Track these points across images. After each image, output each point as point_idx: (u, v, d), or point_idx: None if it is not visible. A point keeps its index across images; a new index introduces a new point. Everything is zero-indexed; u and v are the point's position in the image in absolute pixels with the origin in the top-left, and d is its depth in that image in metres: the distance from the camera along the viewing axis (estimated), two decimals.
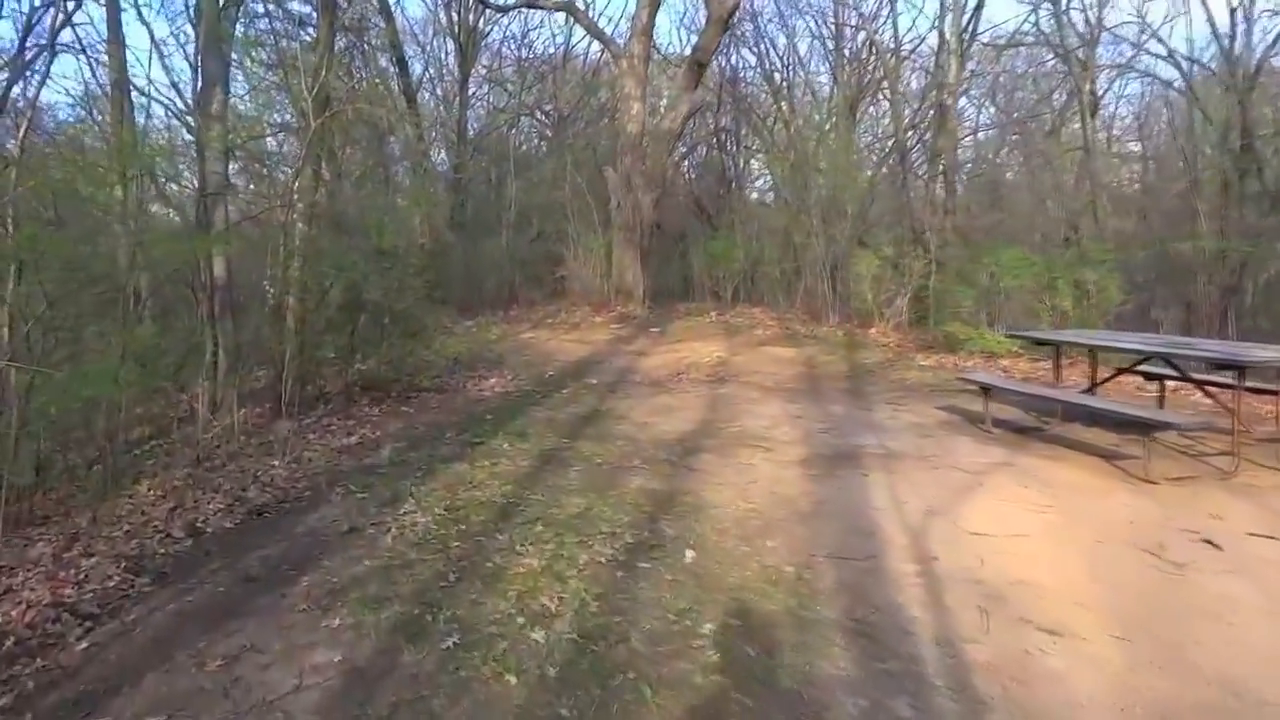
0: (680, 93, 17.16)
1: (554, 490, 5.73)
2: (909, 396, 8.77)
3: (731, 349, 12.42)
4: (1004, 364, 10.53)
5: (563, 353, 12.56)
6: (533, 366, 11.33)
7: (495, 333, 14.93)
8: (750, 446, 6.78)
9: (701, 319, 16.03)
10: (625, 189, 16.87)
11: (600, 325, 15.57)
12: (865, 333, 14.20)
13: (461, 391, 9.77)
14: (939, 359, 11.06)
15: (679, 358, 11.69)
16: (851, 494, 5.47)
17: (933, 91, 21.82)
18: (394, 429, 8.01)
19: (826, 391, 9.20)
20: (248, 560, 4.77)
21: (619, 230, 17.10)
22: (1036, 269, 10.74)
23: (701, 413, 8.18)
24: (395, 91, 21.38)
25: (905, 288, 14.73)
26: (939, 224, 15.85)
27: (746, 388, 9.48)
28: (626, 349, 12.90)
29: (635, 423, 7.83)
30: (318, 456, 7.14)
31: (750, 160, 23.94)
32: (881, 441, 6.76)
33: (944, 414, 7.81)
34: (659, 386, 9.74)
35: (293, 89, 11.89)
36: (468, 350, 12.46)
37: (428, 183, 20.55)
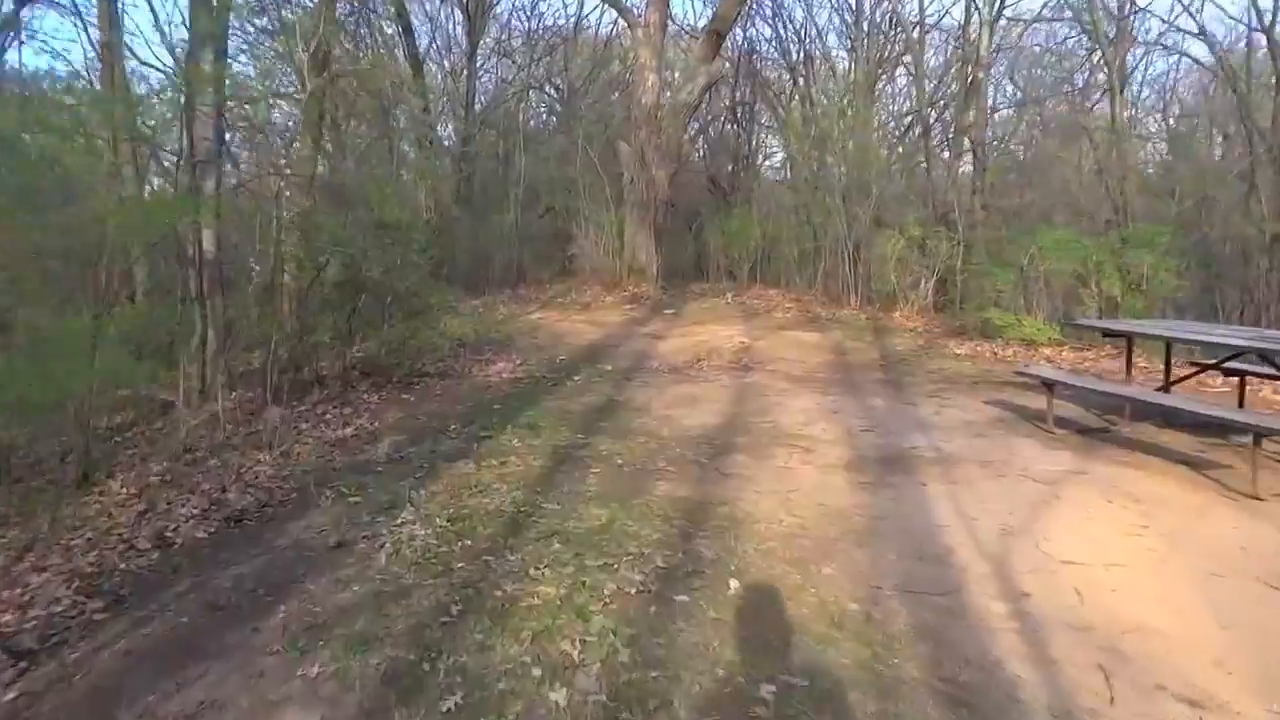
0: (698, 64, 16.34)
1: (571, 497, 5.05)
2: (952, 389, 8.07)
3: (752, 333, 11.72)
4: (1045, 353, 9.82)
5: (574, 335, 11.87)
6: (542, 350, 10.64)
7: (502, 312, 14.23)
8: (787, 446, 6.09)
9: (717, 300, 15.34)
10: (639, 164, 16.11)
11: (612, 306, 14.87)
12: (889, 316, 13.52)
13: (467, 377, 9.08)
14: (974, 347, 10.35)
15: (698, 342, 10.99)
16: (911, 507, 4.78)
17: (956, 66, 21.06)
18: (393, 419, 7.33)
19: (861, 382, 8.50)
20: (219, 580, 4.10)
21: (632, 207, 16.36)
22: (1082, 252, 9.98)
23: (728, 405, 7.49)
24: (401, 60, 20.60)
25: (932, 270, 14.01)
26: (967, 204, 15.07)
27: (774, 376, 8.78)
28: (641, 331, 12.20)
29: (656, 416, 7.14)
30: (309, 450, 6.46)
31: (766, 137, 23.12)
32: (933, 442, 6.07)
33: (995, 410, 7.11)
34: (679, 374, 9.05)
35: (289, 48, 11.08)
36: (474, 331, 11.76)
37: (434, 156, 19.76)
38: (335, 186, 13.37)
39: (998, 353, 9.91)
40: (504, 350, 10.54)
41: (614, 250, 16.76)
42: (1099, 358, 9.49)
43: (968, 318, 12.07)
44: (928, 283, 14.07)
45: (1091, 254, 9.86)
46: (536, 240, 20.57)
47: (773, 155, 23.70)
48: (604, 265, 16.71)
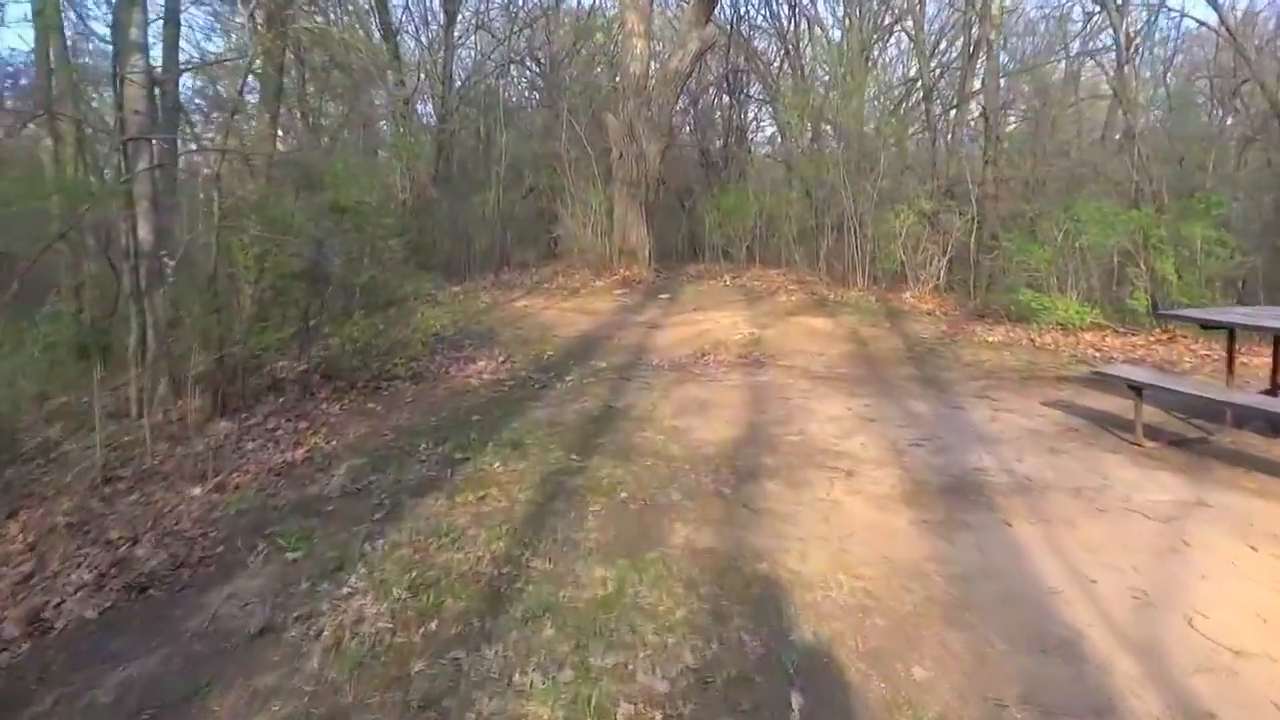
0: (689, 28, 15.13)
1: (565, 549, 3.96)
2: (999, 386, 7.01)
3: (758, 320, 10.64)
4: (1087, 339, 8.78)
5: (562, 325, 10.75)
6: (528, 344, 9.52)
7: (484, 300, 13.09)
8: (825, 469, 5.01)
9: (715, 283, 14.26)
10: (628, 138, 14.94)
11: (602, 291, 13.75)
12: (899, 298, 12.49)
13: (443, 379, 7.95)
14: (1007, 332, 9.31)
15: (700, 331, 9.90)
16: (1003, 561, 3.71)
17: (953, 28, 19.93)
18: (355, 435, 6.22)
19: (892, 379, 7.44)
20: (97, 693, 3.01)
21: (621, 184, 15.20)
22: (1128, 225, 8.89)
23: (745, 411, 6.41)
24: (375, 34, 19.34)
25: (944, 248, 12.95)
26: (979, 175, 13.98)
27: (791, 373, 7.71)
28: (636, 320, 11.09)
29: (662, 427, 6.05)
30: (250, 480, 5.35)
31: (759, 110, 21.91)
32: (1003, 462, 5.00)
33: (1059, 414, 6.06)
34: (683, 372, 7.96)
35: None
36: (453, 323, 10.64)
37: (410, 134, 18.50)
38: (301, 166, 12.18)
39: (1035, 339, 8.86)
40: (486, 345, 9.42)
41: (603, 231, 15.61)
42: (1150, 344, 8.47)
43: (992, 299, 11.03)
44: (940, 261, 13.02)
45: (1141, 226, 8.77)
46: (520, 221, 19.41)
47: (766, 129, 22.47)
48: (592, 247, 15.56)
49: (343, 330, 7.70)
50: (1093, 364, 7.75)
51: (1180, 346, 8.27)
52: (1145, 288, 8.71)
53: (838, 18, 21.55)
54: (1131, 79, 18.43)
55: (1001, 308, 10.11)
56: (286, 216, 7.14)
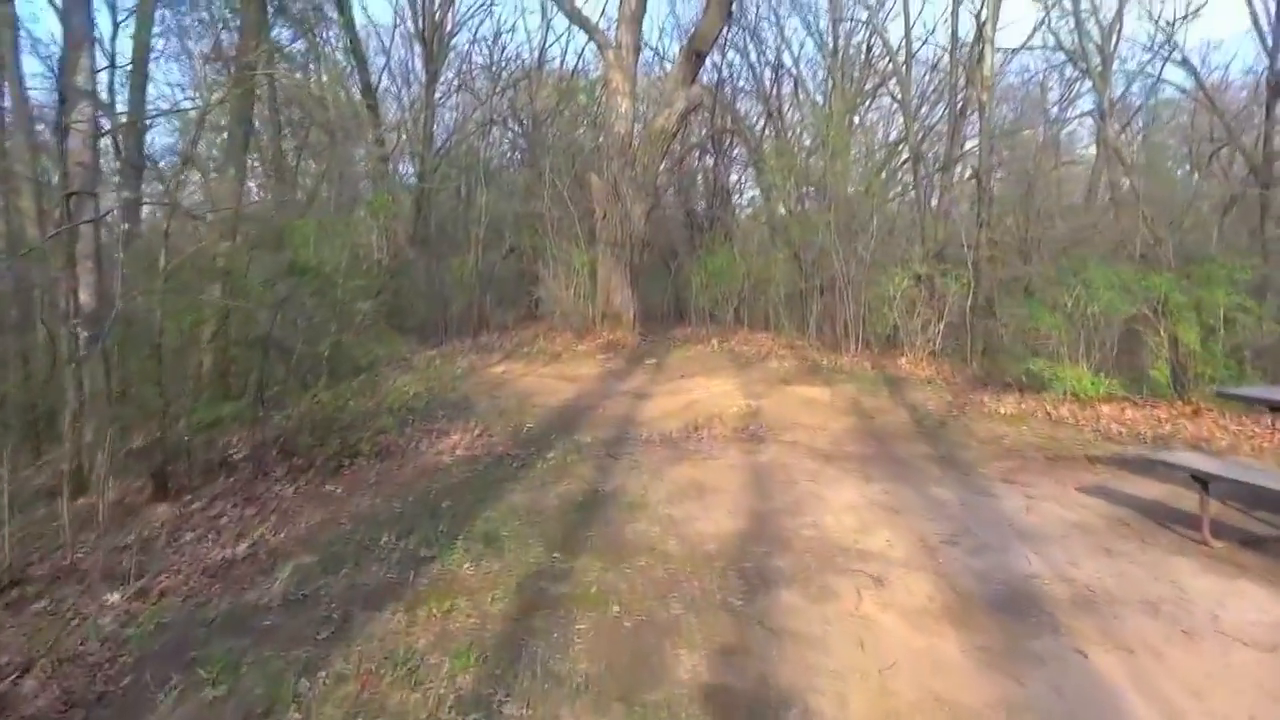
0: (675, 87, 14.71)
1: (546, 687, 3.22)
2: (1025, 468, 6.35)
3: (750, 388, 9.97)
4: (1105, 410, 8.17)
5: (543, 393, 10.03)
6: (507, 414, 8.79)
7: (461, 365, 12.36)
8: (849, 573, 4.29)
9: (702, 347, 13.61)
10: (612, 197, 14.42)
11: (585, 355, 13.07)
12: (895, 364, 11.89)
13: (412, 456, 7.19)
14: (1018, 403, 8.68)
15: (690, 401, 9.21)
16: (1090, 710, 2.99)
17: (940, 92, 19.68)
18: (308, 525, 5.45)
19: (906, 458, 6.75)
20: None
21: (605, 245, 14.63)
22: (1149, 290, 8.33)
23: (748, 497, 5.69)
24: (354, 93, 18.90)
25: (941, 312, 12.40)
26: (974, 238, 13.50)
27: (795, 451, 7.01)
28: (622, 388, 10.40)
29: (656, 516, 5.32)
30: (179, 584, 4.57)
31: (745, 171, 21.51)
32: (1054, 566, 4.30)
33: (1102, 503, 5.38)
34: (675, 448, 7.24)
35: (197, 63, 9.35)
36: (426, 390, 9.91)
37: (389, 192, 17.92)
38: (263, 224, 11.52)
39: (1050, 411, 8.23)
40: (460, 415, 8.68)
41: (586, 293, 14.98)
42: (1173, 417, 7.85)
43: (995, 366, 10.43)
44: (936, 326, 12.45)
45: (1161, 292, 8.21)
46: (500, 282, 18.78)
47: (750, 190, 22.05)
48: (575, 309, 14.91)
49: (301, 402, 6.96)
50: (1119, 441, 7.13)
51: (1207, 421, 7.65)
52: (1167, 357, 8.11)
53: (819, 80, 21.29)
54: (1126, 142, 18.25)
55: (1008, 376, 9.51)
56: (239, 278, 6.44)
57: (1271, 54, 15.82)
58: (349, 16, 18.10)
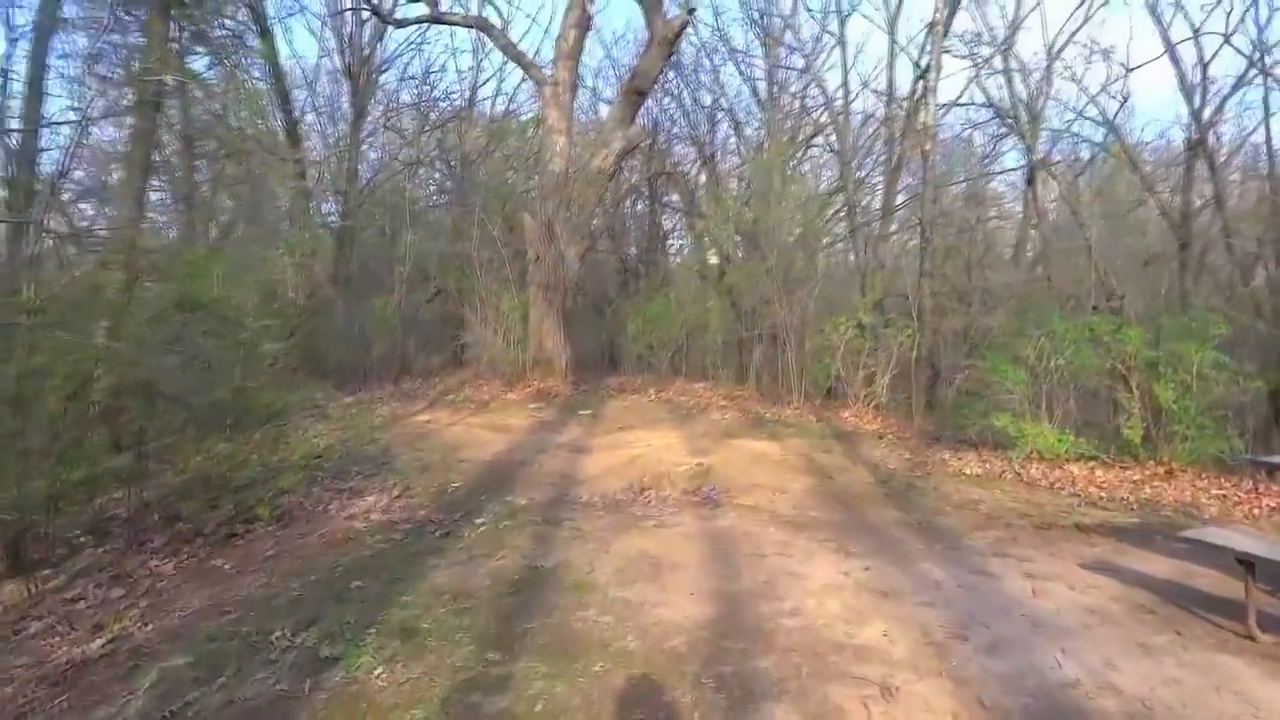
0: (614, 127, 14.06)
1: None
2: (1014, 539, 5.68)
3: (694, 442, 9.22)
4: (1074, 471, 7.63)
5: (471, 445, 9.11)
6: (430, 470, 7.85)
7: (381, 413, 11.36)
8: (848, 680, 3.50)
9: (639, 397, 12.85)
10: (546, 239, 13.63)
11: (515, 405, 12.18)
12: (841, 417, 11.29)
13: (320, 520, 6.21)
14: (983, 462, 8.10)
15: (632, 457, 8.40)
16: None
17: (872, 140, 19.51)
18: (184, 614, 4.46)
19: (880, 527, 6.04)
20: None
21: (537, 288, 13.80)
22: (1123, 344, 7.84)
23: (712, 575, 4.88)
24: (275, 126, 17.83)
25: (886, 363, 11.88)
26: (918, 287, 13.08)
27: (756, 517, 6.24)
28: (557, 441, 9.53)
29: (608, 601, 4.46)
30: (9, 698, 3.58)
31: (680, 218, 20.94)
32: (1088, 668, 3.57)
33: (1114, 584, 4.71)
34: (622, 513, 6.40)
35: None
36: (340, 442, 8.93)
37: (309, 229, 16.85)
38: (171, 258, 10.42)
39: (1019, 472, 7.65)
40: (378, 472, 7.71)
41: (516, 338, 14.11)
42: (1146, 478, 7.34)
43: (949, 422, 9.89)
44: (883, 378, 11.93)
45: (1134, 346, 7.72)
46: (424, 326, 17.80)
47: (684, 237, 21.47)
48: (504, 356, 14.02)
49: (189, 458, 5.96)
50: (1103, 506, 6.57)
51: (1184, 483, 7.15)
52: (1140, 415, 7.61)
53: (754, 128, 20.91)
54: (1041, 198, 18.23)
55: (965, 433, 8.95)
56: (119, 313, 5.46)
57: (1196, 114, 16.05)
58: (271, 48, 17.09)
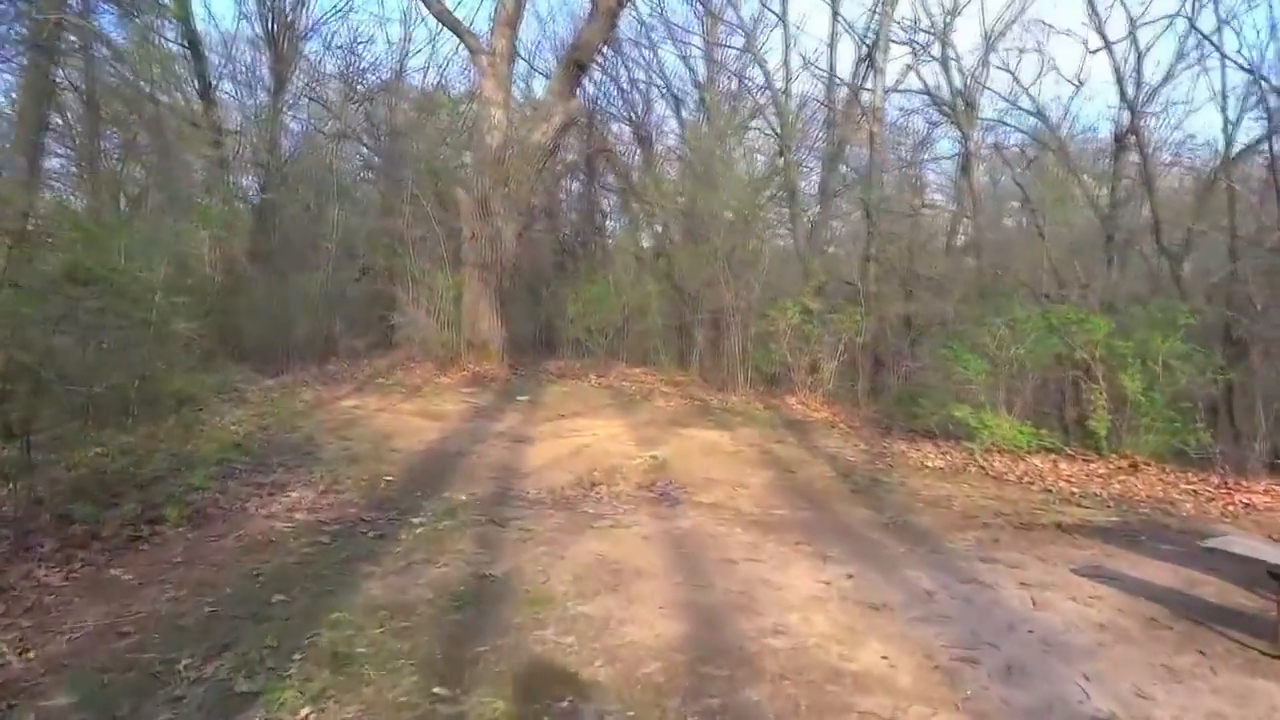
0: (554, 100, 13.42)
1: None
2: (997, 541, 5.32)
3: (641, 431, 8.75)
4: (1037, 464, 7.35)
5: (404, 434, 8.46)
6: (360, 462, 7.20)
7: (305, 398, 10.58)
8: (854, 716, 3.05)
9: (579, 382, 12.31)
10: (482, 216, 12.96)
11: (449, 389, 11.53)
12: (787, 404, 10.92)
13: (237, 520, 5.53)
14: (943, 454, 7.79)
15: (577, 447, 7.87)
16: None
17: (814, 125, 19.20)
18: (74, 638, 3.79)
19: (853, 528, 5.63)
20: None
21: (472, 268, 13.13)
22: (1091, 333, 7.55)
23: (680, 585, 4.38)
24: (190, 92, 16.71)
25: (835, 349, 11.55)
26: (863, 272, 12.78)
27: (719, 516, 5.77)
28: (495, 429, 8.94)
29: (569, 618, 3.93)
30: None
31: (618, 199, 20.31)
32: (1118, 697, 3.18)
33: (1116, 592, 4.36)
34: (573, 511, 5.87)
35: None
36: (260, 429, 8.20)
37: (226, 201, 15.80)
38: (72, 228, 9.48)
39: (983, 465, 7.34)
40: (303, 464, 7.03)
41: (450, 320, 13.41)
42: (1112, 472, 7.10)
43: (901, 412, 9.58)
44: (830, 364, 11.59)
45: (1100, 336, 7.45)
46: (351, 305, 16.92)
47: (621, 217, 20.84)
48: (437, 337, 13.31)
49: (84, 450, 5.25)
50: (1077, 503, 6.27)
51: (1150, 477, 6.92)
52: (1106, 407, 7.35)
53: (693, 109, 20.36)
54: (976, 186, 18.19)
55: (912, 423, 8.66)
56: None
57: (1132, 106, 16.07)
58: (185, 8, 15.93)
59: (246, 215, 16.74)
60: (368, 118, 20.79)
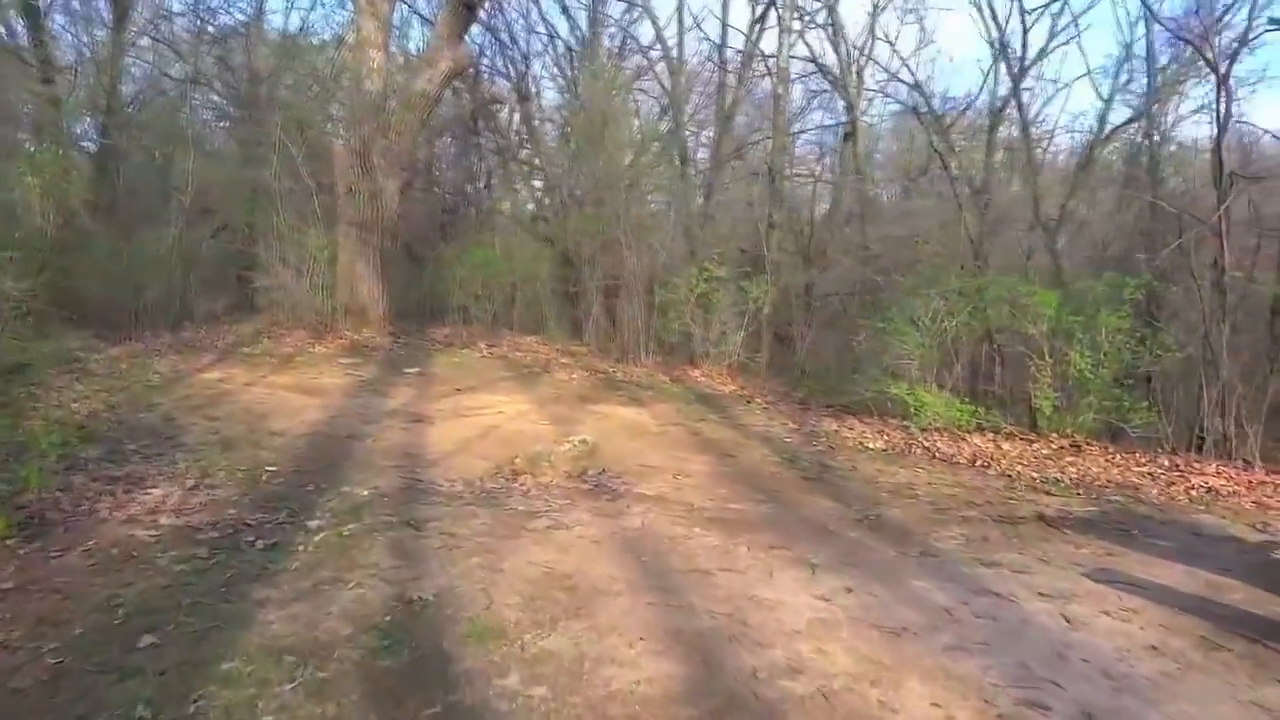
0: (440, 45, 12.23)
1: None
2: (983, 539, 4.82)
3: (550, 409, 7.96)
4: (977, 443, 6.95)
5: (282, 413, 7.37)
6: (235, 448, 6.10)
7: (160, 369, 9.24)
8: None
9: (470, 353, 11.35)
10: (360, 170, 11.72)
11: (326, 360, 10.37)
12: (691, 377, 10.32)
13: (87, 528, 4.42)
14: (878, 433, 7.30)
15: (486, 428, 7.00)
16: None
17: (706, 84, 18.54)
18: None
19: (824, 523, 5.01)
20: None
21: (350, 226, 11.90)
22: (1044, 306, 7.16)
23: (656, 608, 3.62)
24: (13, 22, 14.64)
25: (745, 319, 11.01)
26: (766, 240, 12.25)
27: (669, 513, 5.03)
28: (387, 406, 7.94)
29: (527, 658, 3.11)
30: None
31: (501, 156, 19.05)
32: None
33: (1146, 603, 3.91)
34: (498, 507, 5.02)
35: None
36: (109, 408, 6.96)
37: (61, 145, 13.86)
38: None
39: (926, 446, 6.88)
40: (164, 451, 5.89)
41: (325, 283, 12.14)
42: (1056, 452, 6.76)
43: (814, 386, 9.11)
44: (737, 335, 11.04)
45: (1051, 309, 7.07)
46: (208, 265, 15.30)
47: (512, 179, 19.56)
48: (309, 302, 12.02)
49: None
50: (1040, 489, 5.86)
51: (1098, 458, 6.60)
52: (1051, 384, 7.00)
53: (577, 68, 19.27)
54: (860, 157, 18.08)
55: (830, 398, 8.19)
56: None
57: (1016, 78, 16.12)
58: None
59: (84, 164, 14.84)
60: (222, 61, 18.85)
